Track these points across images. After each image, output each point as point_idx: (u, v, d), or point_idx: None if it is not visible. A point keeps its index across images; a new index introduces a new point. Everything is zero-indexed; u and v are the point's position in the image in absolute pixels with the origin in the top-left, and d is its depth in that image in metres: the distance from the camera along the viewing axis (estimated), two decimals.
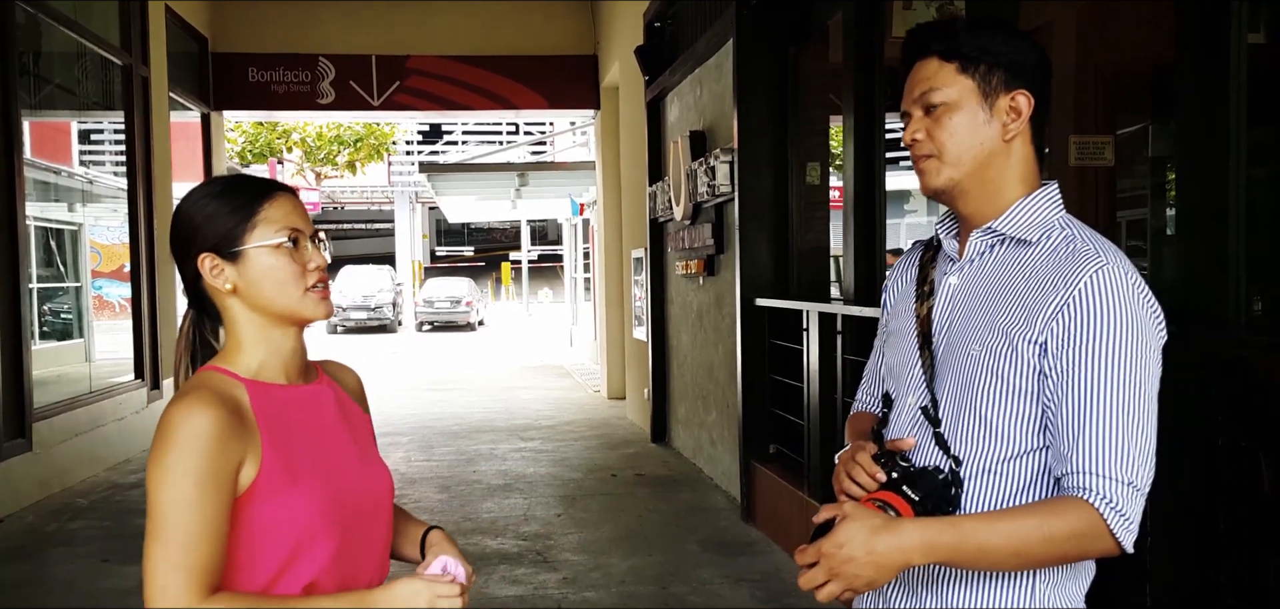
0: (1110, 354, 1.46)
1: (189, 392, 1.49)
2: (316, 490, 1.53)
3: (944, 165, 1.61)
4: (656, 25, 8.73)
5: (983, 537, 1.45)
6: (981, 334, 1.57)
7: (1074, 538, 1.45)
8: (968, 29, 1.61)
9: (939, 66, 1.60)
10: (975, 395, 1.56)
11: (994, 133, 1.59)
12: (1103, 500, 1.43)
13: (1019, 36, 1.62)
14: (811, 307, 5.30)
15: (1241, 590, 2.57)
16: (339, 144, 26.36)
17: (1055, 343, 1.49)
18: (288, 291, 1.55)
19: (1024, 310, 1.53)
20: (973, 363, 1.57)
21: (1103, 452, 1.44)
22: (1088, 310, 1.47)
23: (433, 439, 9.62)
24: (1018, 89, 1.59)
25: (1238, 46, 2.64)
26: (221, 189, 1.57)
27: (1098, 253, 1.52)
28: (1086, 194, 4.68)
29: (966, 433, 1.58)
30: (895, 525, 1.44)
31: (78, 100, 9.76)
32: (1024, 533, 1.44)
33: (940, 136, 1.59)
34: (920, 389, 1.64)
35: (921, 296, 1.70)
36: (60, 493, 7.26)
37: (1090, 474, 1.44)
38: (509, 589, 5.06)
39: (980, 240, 1.63)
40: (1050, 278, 1.52)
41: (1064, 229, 1.59)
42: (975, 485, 1.57)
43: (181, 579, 1.40)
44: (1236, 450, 2.57)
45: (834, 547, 1.43)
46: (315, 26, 11.81)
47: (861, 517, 1.44)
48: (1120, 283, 1.49)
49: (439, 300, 30.26)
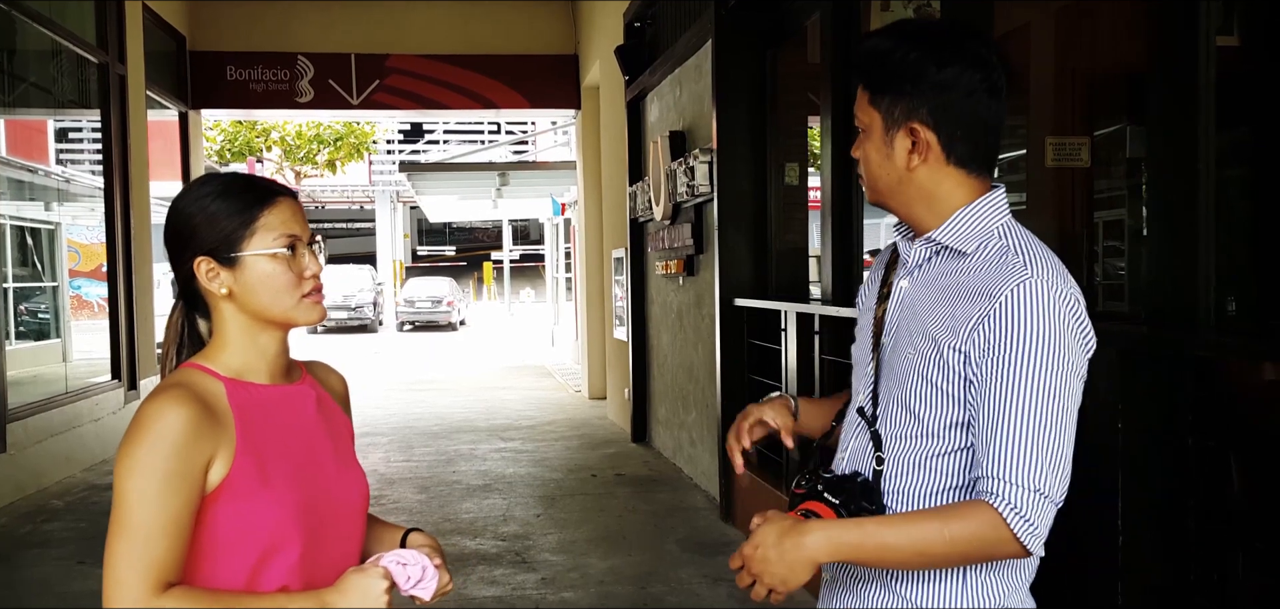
0: (1027, 364, 1.50)
1: (165, 388, 1.49)
2: (287, 493, 1.52)
3: (869, 188, 1.71)
4: (636, 25, 8.73)
5: (884, 536, 1.53)
6: (915, 339, 1.63)
7: (976, 540, 1.51)
8: (890, 49, 1.61)
9: (861, 93, 1.67)
10: (907, 395, 1.63)
11: (898, 163, 1.63)
12: (1006, 505, 1.48)
13: (951, 60, 1.58)
14: (789, 307, 5.32)
15: (1211, 590, 2.59)
16: (319, 143, 26.25)
17: (977, 351, 1.54)
18: (283, 299, 1.55)
19: (951, 319, 1.58)
20: (906, 364, 1.64)
21: (1012, 458, 1.49)
22: (1008, 321, 1.51)
23: (412, 439, 9.59)
24: (917, 121, 1.60)
25: (1206, 49, 2.66)
26: (221, 190, 1.56)
27: (1026, 264, 1.55)
28: (1063, 195, 4.71)
29: (897, 431, 1.66)
30: (801, 527, 1.55)
31: (54, 98, 9.68)
32: (925, 533, 1.52)
33: (862, 163, 1.69)
34: (867, 387, 1.73)
35: (881, 298, 1.76)
36: (35, 494, 7.20)
37: (998, 479, 1.50)
38: (487, 590, 5.05)
39: (922, 249, 1.68)
40: (979, 288, 1.56)
41: (1001, 239, 1.60)
42: (904, 480, 1.65)
43: (137, 574, 1.41)
44: (1206, 451, 2.59)
45: (752, 549, 1.57)
46: (294, 25, 11.76)
47: (774, 521, 1.57)
48: (1042, 295, 1.52)
49: (420, 300, 30.18)
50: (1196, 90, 2.68)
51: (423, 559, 1.55)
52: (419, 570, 1.53)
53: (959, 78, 1.58)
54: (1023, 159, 5.09)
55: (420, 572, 1.53)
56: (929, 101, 1.59)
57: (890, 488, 1.65)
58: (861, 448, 1.71)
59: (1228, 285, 3.01)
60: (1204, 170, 2.68)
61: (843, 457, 1.76)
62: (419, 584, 1.53)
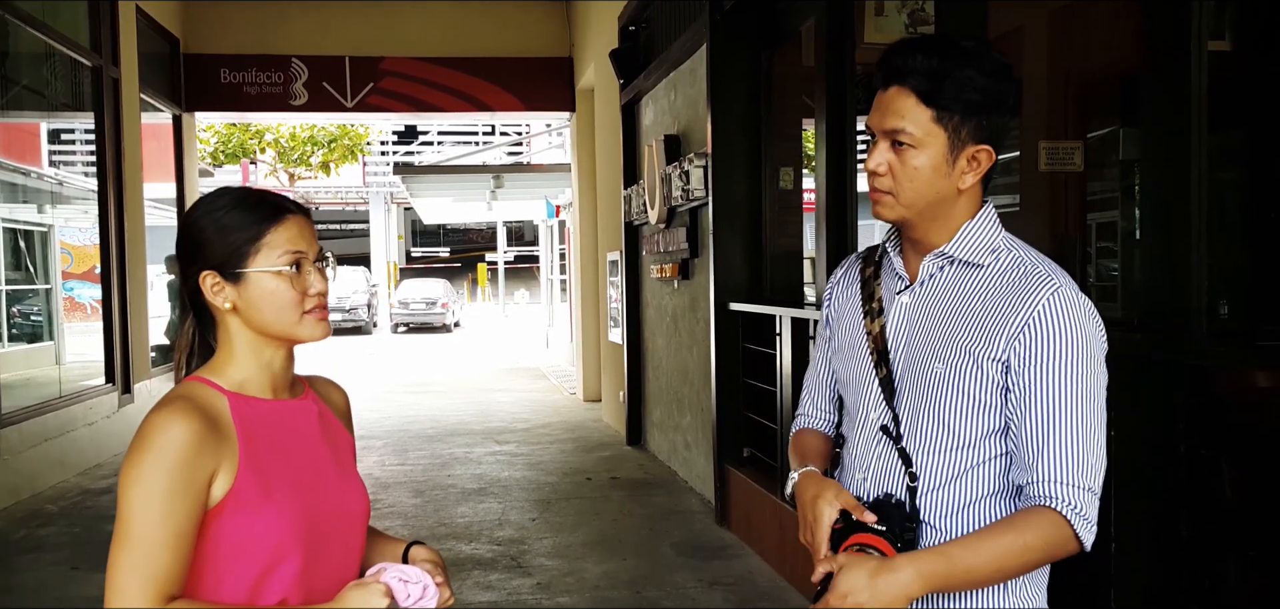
0: (1069, 371, 1.56)
1: (169, 401, 1.50)
2: (289, 508, 1.53)
3: (898, 205, 1.66)
4: (631, 29, 8.73)
5: (969, 560, 1.55)
6: (942, 351, 1.64)
7: (1045, 546, 1.55)
8: (953, 70, 1.59)
9: (914, 106, 1.61)
10: (940, 409, 1.63)
11: (952, 182, 1.64)
12: (1069, 508, 1.54)
13: (994, 76, 1.61)
14: (784, 311, 5.32)
15: (1204, 596, 2.60)
16: (313, 145, 26.21)
17: (1017, 361, 1.58)
18: (285, 316, 1.56)
19: (984, 329, 1.61)
20: (937, 379, 1.64)
21: (1065, 462, 1.55)
22: (1047, 331, 1.57)
23: (407, 443, 9.58)
24: (982, 145, 1.63)
25: (1198, 53, 2.67)
26: (231, 204, 1.57)
27: (1048, 275, 1.62)
28: (1057, 198, 4.72)
29: (929, 445, 1.65)
30: (890, 564, 1.52)
31: (46, 101, 9.66)
32: (1003, 549, 1.55)
33: (902, 177, 1.63)
34: (881, 406, 1.70)
35: (870, 313, 1.75)
36: (29, 499, 7.18)
37: (1055, 483, 1.55)
38: (482, 595, 5.05)
39: (932, 263, 1.69)
40: (1008, 299, 1.61)
41: (1010, 251, 1.66)
42: (938, 496, 1.65)
43: (140, 585, 1.42)
44: (1198, 456, 2.60)
45: (840, 598, 1.51)
46: (288, 27, 11.74)
47: (858, 564, 1.52)
48: (1074, 303, 1.59)
49: (414, 301, 30.16)
50: (1189, 94, 2.69)
51: (425, 577, 1.55)
52: (420, 589, 1.53)
53: (1013, 106, 1.64)
54: (1016, 163, 5.11)
55: (421, 590, 1.54)
56: (996, 127, 1.63)
57: (925, 504, 1.65)
58: (888, 467, 1.68)
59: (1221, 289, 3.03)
60: (1196, 174, 2.69)
61: (863, 477, 1.72)
62: (420, 602, 1.53)
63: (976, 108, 1.60)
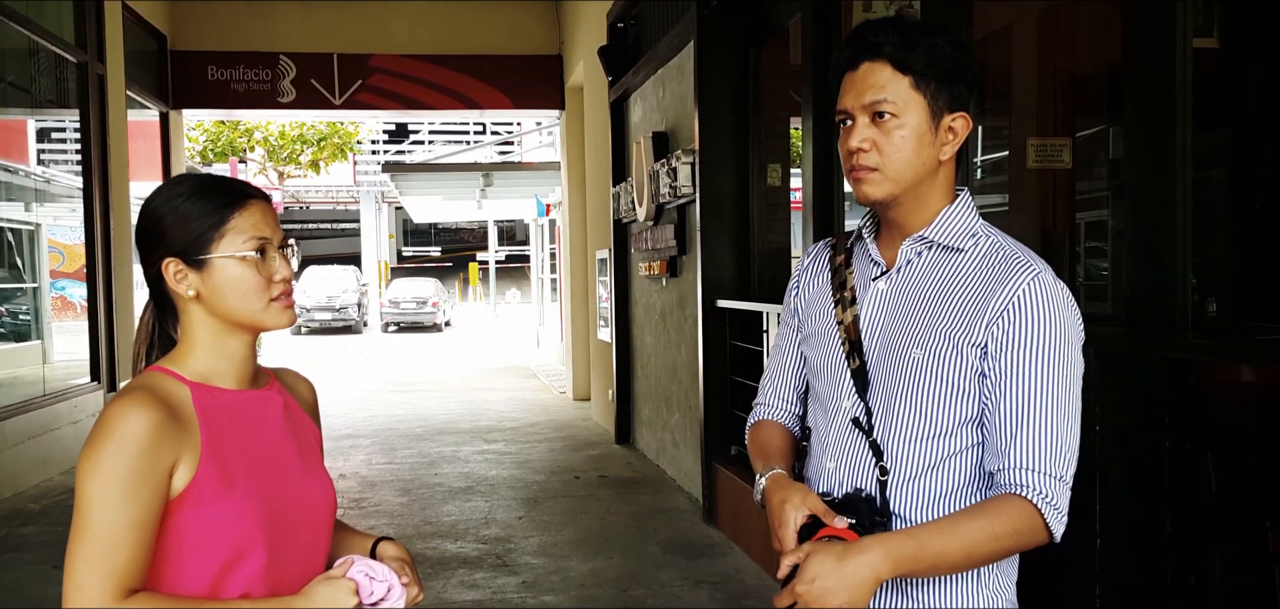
0: (1045, 358, 1.54)
1: (129, 391, 1.47)
2: (252, 500, 1.50)
3: (886, 180, 1.62)
4: (619, 26, 8.72)
5: (939, 544, 1.51)
6: (921, 338, 1.61)
7: (1015, 534, 1.53)
8: (921, 39, 1.59)
9: (892, 76, 1.59)
10: (918, 396, 1.61)
11: (934, 153, 1.62)
12: (1040, 496, 1.52)
13: (961, 49, 1.62)
14: (771, 308, 5.31)
15: (1188, 591, 2.59)
16: (302, 143, 26.14)
17: (995, 346, 1.56)
18: (250, 303, 1.53)
19: (963, 314, 1.59)
20: (914, 365, 1.61)
21: (1038, 450, 1.53)
22: (1025, 316, 1.55)
23: (395, 441, 9.55)
24: (959, 112, 1.62)
25: (1183, 50, 2.66)
26: (192, 191, 1.54)
27: (1027, 262, 1.60)
28: (1046, 196, 4.72)
29: (904, 436, 1.62)
30: (858, 546, 1.50)
31: (32, 98, 9.59)
32: (973, 536, 1.52)
33: (888, 149, 1.60)
34: (852, 397, 1.67)
35: (842, 302, 1.72)
36: (11, 497, 7.13)
37: (1027, 471, 1.53)
38: (467, 594, 5.02)
39: (910, 248, 1.66)
40: (987, 284, 1.59)
41: (988, 236, 1.65)
42: (910, 489, 1.62)
43: (99, 580, 1.40)
44: (1182, 451, 2.59)
45: (807, 584, 1.49)
46: (275, 25, 11.69)
47: (824, 549, 1.50)
48: (1054, 290, 1.58)
49: (405, 301, 30.08)
50: (1174, 92, 2.67)
51: (392, 576, 1.53)
52: (385, 587, 1.51)
53: (975, 82, 1.63)
54: (1005, 161, 5.09)
55: (386, 589, 1.51)
56: (969, 94, 1.62)
57: (897, 497, 1.62)
58: (859, 458, 1.65)
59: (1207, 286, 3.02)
60: (1182, 172, 2.68)
61: (834, 465, 1.68)
62: (384, 602, 1.51)
63: (949, 75, 1.60)
